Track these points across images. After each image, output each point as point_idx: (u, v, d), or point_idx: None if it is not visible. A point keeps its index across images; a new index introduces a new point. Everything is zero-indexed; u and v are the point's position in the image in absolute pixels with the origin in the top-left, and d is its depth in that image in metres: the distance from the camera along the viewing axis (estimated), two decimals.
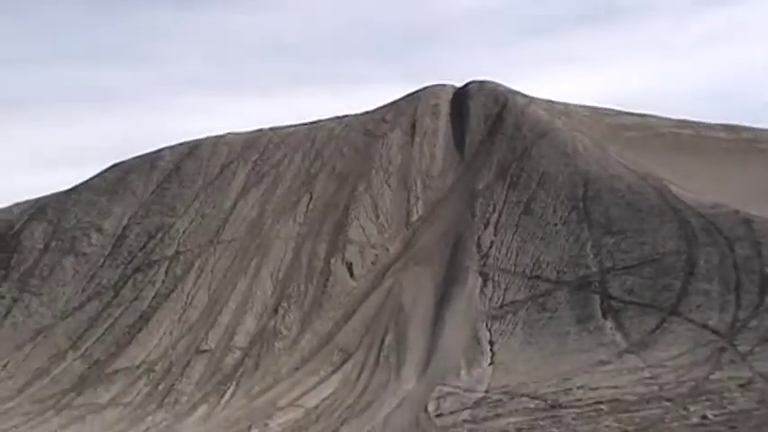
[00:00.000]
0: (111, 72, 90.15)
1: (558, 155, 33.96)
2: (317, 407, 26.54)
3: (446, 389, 25.32)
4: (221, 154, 39.24)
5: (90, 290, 34.78)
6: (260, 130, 40.61)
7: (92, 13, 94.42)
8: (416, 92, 40.59)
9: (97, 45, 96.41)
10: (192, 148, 39.87)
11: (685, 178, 32.00)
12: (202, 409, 28.03)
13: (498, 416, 22.94)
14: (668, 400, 21.38)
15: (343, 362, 28.82)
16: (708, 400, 20.92)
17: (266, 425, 26.09)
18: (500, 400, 23.74)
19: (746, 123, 40.57)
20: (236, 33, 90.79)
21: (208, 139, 40.43)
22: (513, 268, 30.16)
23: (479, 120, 37.68)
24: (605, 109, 40.56)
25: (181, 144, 40.53)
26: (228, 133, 40.73)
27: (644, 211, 29.79)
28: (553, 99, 39.84)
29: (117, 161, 40.74)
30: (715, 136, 39.24)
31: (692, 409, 20.58)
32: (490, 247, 31.37)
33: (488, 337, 27.72)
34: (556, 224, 31.04)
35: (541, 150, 34.53)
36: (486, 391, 24.58)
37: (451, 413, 23.83)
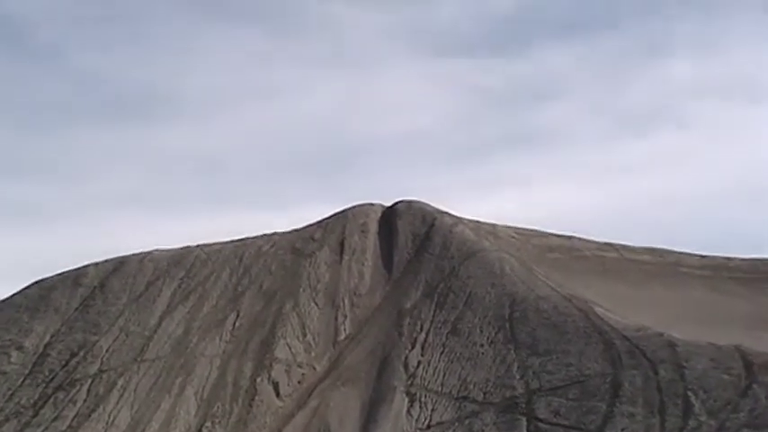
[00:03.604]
0: (36, 188, 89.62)
1: (486, 275, 34.17)
2: None
3: None
4: (147, 270, 38.93)
5: (8, 409, 33.86)
6: (187, 247, 40.44)
7: (19, 130, 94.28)
8: (345, 210, 40.84)
9: (22, 161, 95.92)
10: (117, 265, 39.51)
11: (610, 300, 32.32)
12: None
13: None
14: None
15: None
16: None
17: None
18: None
19: (669, 247, 41.31)
20: (164, 151, 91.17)
21: (134, 255, 40.13)
22: (440, 388, 30.02)
23: (407, 239, 37.94)
24: (532, 230, 41.10)
25: (106, 261, 40.15)
26: (155, 250, 40.48)
27: (569, 332, 29.96)
28: (480, 220, 40.32)
29: (40, 278, 40.19)
30: (639, 259, 39.86)
31: None
32: (417, 366, 31.25)
33: None
34: (482, 344, 31.05)
35: (469, 270, 34.74)
36: None
37: None
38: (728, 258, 40.01)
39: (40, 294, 39.00)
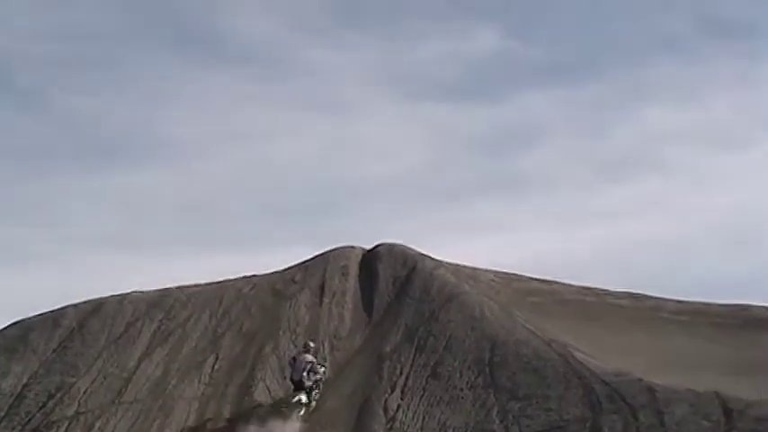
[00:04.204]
0: (16, 229, 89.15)
1: (466, 319, 34.20)
2: None
3: None
4: (126, 312, 38.75)
5: None
6: (166, 289, 40.30)
7: None
8: (325, 253, 40.85)
9: (2, 202, 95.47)
10: (96, 306, 39.32)
11: (590, 345, 32.38)
12: None
13: None
14: None
15: None
16: None
17: None
18: None
19: (648, 292, 41.41)
20: (146, 192, 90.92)
21: (113, 296, 39.95)
22: None
23: (388, 282, 37.96)
24: (512, 274, 41.18)
25: (85, 302, 39.95)
26: (134, 291, 40.32)
27: (549, 377, 29.98)
28: (461, 263, 40.38)
29: (19, 318, 39.95)
30: (618, 303, 39.94)
31: None
32: (397, 410, 31.16)
33: None
34: (462, 388, 31.02)
35: (449, 314, 34.77)
36: None
37: None
38: (707, 304, 40.12)
39: (18, 335, 38.73)
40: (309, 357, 30.70)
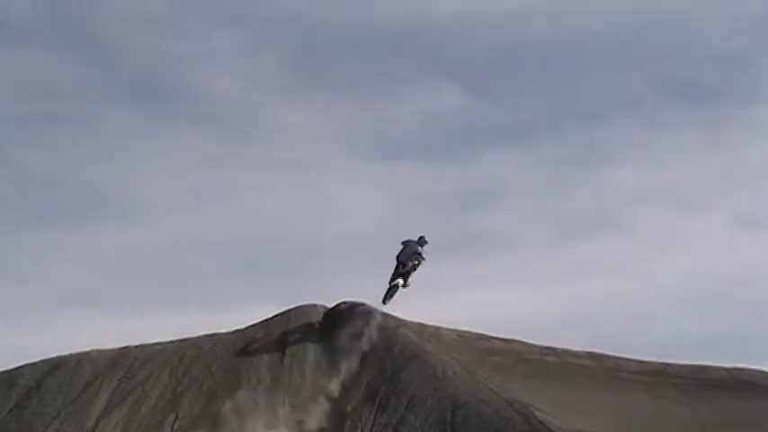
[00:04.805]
0: None
1: (428, 378, 34.17)
2: None
3: None
4: (85, 371, 38.32)
5: None
6: (126, 347, 39.90)
7: None
8: (287, 311, 40.70)
9: None
10: (54, 365, 38.85)
11: (551, 405, 32.44)
12: None
13: None
14: None
15: None
16: None
17: None
18: None
19: (610, 351, 41.55)
20: (106, 250, 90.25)
21: (71, 355, 39.48)
22: None
23: (350, 340, 37.84)
24: (474, 333, 41.20)
25: (43, 360, 39.46)
26: (93, 350, 39.90)
27: None
28: (423, 322, 40.37)
29: None
30: (579, 363, 40.06)
31: None
32: None
33: None
34: None
35: (411, 373, 34.73)
36: None
37: None
38: (667, 364, 40.36)
39: None
40: (420, 249, 31.85)
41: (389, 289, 35.24)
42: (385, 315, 39.16)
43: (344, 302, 40.59)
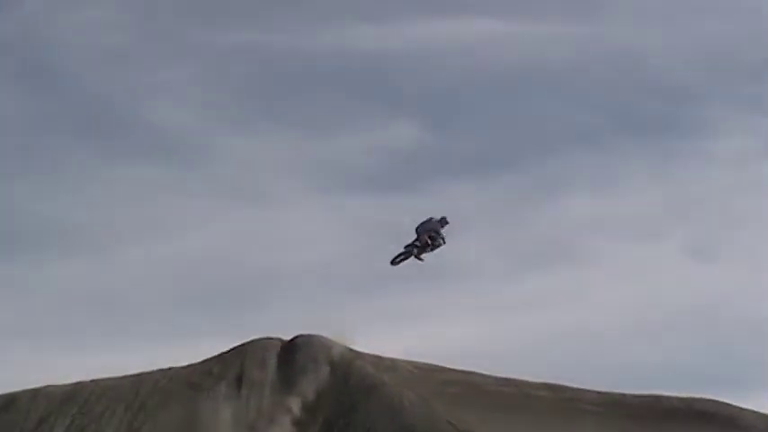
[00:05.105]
0: None
1: (385, 411, 34.16)
2: None
3: None
4: (39, 406, 37.89)
5: None
6: (80, 382, 39.50)
7: None
8: (243, 344, 40.48)
9: None
10: (8, 401, 38.40)
11: None
12: None
13: None
14: None
15: None
16: None
17: None
18: None
19: (567, 382, 41.63)
20: (58, 283, 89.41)
21: (25, 391, 39.04)
22: None
23: (307, 374, 37.74)
24: (431, 365, 41.18)
25: None
26: (48, 385, 39.47)
27: None
28: (380, 354, 40.33)
29: None
30: (536, 394, 40.12)
31: None
32: None
33: None
34: None
35: (368, 406, 34.69)
36: None
37: None
38: (623, 395, 40.55)
39: None
40: (439, 228, 31.99)
41: (403, 253, 35.27)
42: (342, 348, 39.10)
43: (301, 335, 40.48)
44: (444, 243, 34.54)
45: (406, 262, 34.12)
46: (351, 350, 39.17)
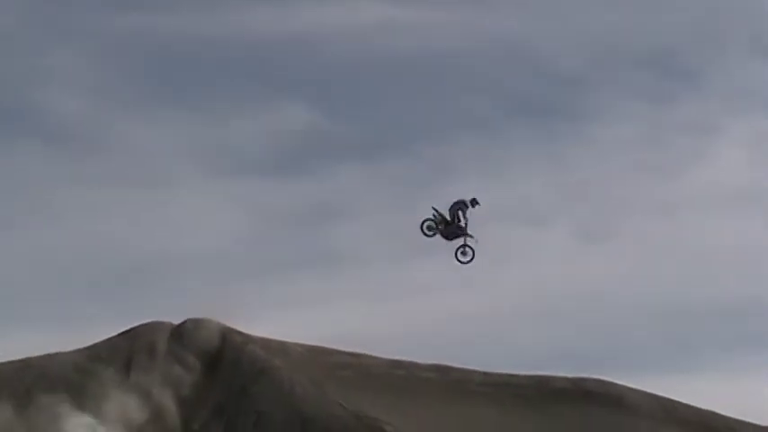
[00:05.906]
0: None
1: (276, 394, 34.10)
2: None
3: None
4: None
5: None
6: None
7: None
8: (132, 329, 39.95)
9: None
10: None
11: (399, 418, 32.75)
12: None
13: None
14: None
15: None
16: None
17: None
18: None
19: (456, 365, 42.02)
20: None
21: None
22: None
23: (197, 357, 37.45)
24: (322, 348, 41.20)
25: None
26: None
27: None
28: (270, 337, 40.19)
29: None
30: (425, 376, 40.45)
31: None
32: None
33: None
34: None
35: (259, 389, 34.57)
36: None
37: None
38: (512, 375, 41.13)
39: None
40: (468, 208, 31.18)
41: (433, 227, 34.20)
42: (231, 331, 38.86)
43: (190, 319, 40.12)
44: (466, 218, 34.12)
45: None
46: (241, 334, 38.95)
